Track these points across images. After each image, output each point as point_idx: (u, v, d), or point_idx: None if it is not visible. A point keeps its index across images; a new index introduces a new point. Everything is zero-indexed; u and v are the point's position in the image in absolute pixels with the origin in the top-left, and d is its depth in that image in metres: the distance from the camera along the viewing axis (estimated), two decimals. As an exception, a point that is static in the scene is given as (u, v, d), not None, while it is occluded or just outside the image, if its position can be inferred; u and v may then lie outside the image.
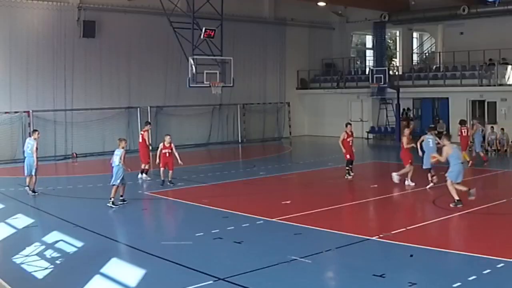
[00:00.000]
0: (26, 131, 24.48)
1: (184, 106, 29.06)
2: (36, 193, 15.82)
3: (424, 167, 16.12)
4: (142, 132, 19.26)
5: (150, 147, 18.92)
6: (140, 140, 18.97)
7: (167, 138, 17.18)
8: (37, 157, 15.65)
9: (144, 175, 18.35)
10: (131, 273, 9.13)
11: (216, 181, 18.35)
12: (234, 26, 29.18)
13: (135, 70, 27.86)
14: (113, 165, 14.35)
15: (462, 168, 13.55)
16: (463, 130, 20.91)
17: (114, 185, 14.21)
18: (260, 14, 32.90)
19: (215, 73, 23.13)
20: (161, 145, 17.15)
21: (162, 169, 17.17)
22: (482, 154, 21.18)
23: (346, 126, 18.38)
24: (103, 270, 9.24)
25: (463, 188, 13.25)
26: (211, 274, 8.73)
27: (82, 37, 25.69)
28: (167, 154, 17.01)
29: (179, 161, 16.75)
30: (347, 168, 18.01)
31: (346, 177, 17.91)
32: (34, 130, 16.78)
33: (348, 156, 17.97)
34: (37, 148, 15.68)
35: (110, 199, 14.18)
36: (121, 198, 14.41)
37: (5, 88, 24.13)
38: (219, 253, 10.25)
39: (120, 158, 14.17)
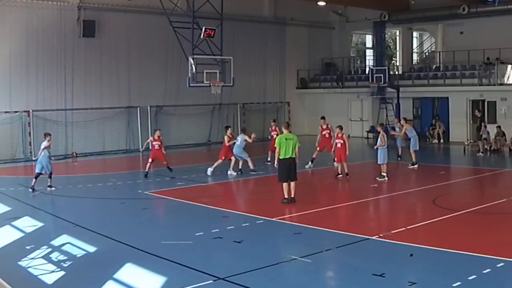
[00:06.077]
0: (26, 130, 24.53)
1: (184, 105, 29.06)
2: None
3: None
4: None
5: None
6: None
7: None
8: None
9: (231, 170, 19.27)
10: (131, 273, 9.13)
11: (216, 181, 18.37)
12: (234, 26, 29.18)
13: (135, 69, 27.85)
14: None
15: None
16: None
17: None
18: (260, 13, 32.89)
19: (215, 73, 23.12)
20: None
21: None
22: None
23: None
24: (103, 269, 9.23)
25: None
26: (211, 274, 8.73)
27: (82, 37, 25.67)
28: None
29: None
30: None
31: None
32: None
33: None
34: None
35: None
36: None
37: (5, 88, 24.12)
38: (219, 253, 10.25)
39: None
